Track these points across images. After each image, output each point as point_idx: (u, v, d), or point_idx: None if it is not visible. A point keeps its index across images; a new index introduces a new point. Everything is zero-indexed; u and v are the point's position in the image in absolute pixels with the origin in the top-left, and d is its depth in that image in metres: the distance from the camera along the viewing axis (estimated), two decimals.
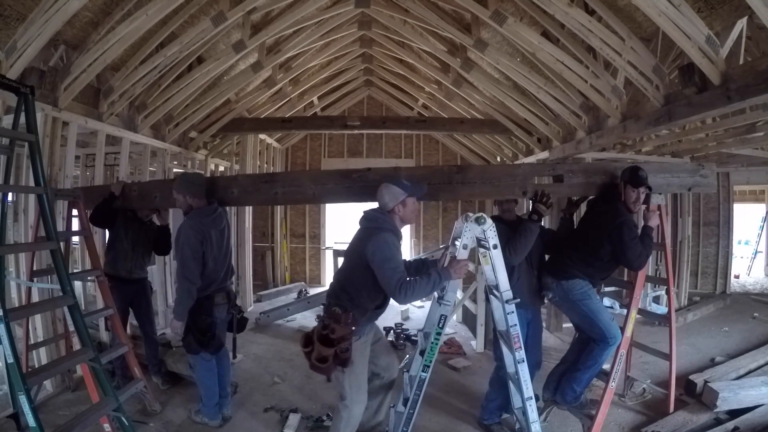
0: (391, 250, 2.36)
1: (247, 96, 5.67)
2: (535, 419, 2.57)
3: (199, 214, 2.86)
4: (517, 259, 2.77)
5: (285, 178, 3.19)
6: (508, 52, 4.28)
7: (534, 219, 2.78)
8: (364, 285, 2.42)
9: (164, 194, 3.15)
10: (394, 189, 2.47)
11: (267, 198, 3.22)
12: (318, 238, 8.48)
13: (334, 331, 2.36)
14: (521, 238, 2.76)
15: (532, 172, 3.00)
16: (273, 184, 3.08)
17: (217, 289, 2.94)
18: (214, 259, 2.88)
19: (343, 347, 2.37)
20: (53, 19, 2.77)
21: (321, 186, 3.02)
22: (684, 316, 5.51)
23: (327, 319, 2.43)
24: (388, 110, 8.01)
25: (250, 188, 3.14)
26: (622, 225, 2.65)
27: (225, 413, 3.10)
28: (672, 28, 2.57)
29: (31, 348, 3.14)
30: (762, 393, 3.12)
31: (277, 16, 4.22)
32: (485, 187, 2.97)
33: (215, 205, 2.94)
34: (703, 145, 5.26)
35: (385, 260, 2.32)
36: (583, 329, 2.94)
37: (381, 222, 2.45)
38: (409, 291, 2.29)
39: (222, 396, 3.08)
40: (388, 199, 2.48)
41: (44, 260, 3.18)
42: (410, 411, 2.60)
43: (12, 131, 2.42)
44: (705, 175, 3.01)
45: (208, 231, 2.83)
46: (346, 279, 2.51)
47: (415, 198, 2.53)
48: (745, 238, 11.26)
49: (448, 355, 4.37)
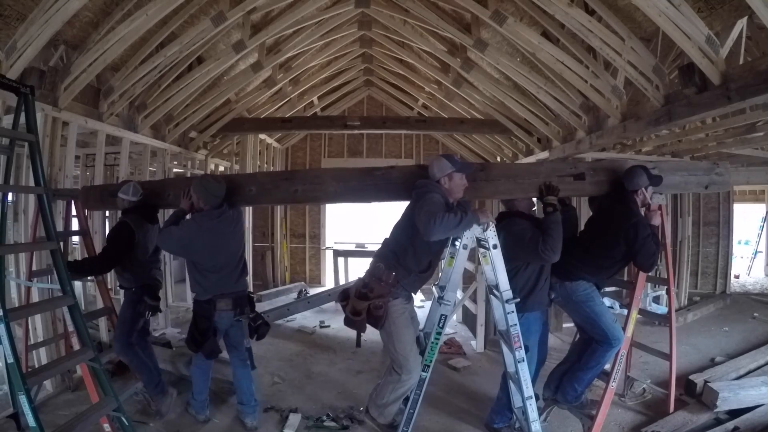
0: (436, 204, 2.42)
1: (247, 96, 5.67)
2: (536, 418, 2.57)
3: (201, 217, 2.81)
4: (557, 256, 2.60)
5: (305, 176, 3.11)
6: (508, 52, 4.28)
7: (549, 211, 2.69)
8: (411, 244, 2.53)
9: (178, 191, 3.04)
10: (444, 162, 2.58)
11: (286, 196, 3.07)
12: (318, 238, 8.48)
13: (372, 290, 2.52)
14: (551, 233, 2.59)
15: (554, 169, 2.94)
16: (293, 181, 2.99)
17: (220, 294, 2.84)
18: (213, 261, 2.81)
19: (377, 303, 2.49)
20: (53, 19, 2.77)
21: (343, 184, 2.92)
22: (684, 316, 5.51)
23: (368, 277, 2.57)
24: (388, 110, 8.01)
25: (269, 186, 3.05)
26: (638, 224, 2.64)
27: (248, 423, 3.00)
28: (672, 28, 2.57)
29: (31, 348, 3.14)
30: (762, 393, 3.11)
31: (277, 16, 4.22)
32: (508, 185, 2.88)
33: (223, 208, 2.83)
34: (703, 145, 5.25)
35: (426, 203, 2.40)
36: (585, 330, 2.93)
37: (431, 187, 2.54)
38: (438, 221, 2.31)
39: (243, 404, 3.02)
40: (436, 170, 2.58)
41: (44, 260, 3.18)
42: (410, 411, 2.61)
43: (12, 131, 2.42)
44: (720, 173, 2.96)
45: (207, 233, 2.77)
46: (394, 240, 2.63)
47: (462, 174, 2.60)
48: (745, 238, 11.27)
49: (448, 355, 4.37)
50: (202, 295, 2.86)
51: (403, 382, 2.61)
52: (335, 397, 3.53)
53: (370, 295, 2.51)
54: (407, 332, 2.62)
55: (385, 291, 2.52)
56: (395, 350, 2.60)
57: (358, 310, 2.52)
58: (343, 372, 4.07)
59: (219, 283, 2.85)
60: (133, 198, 3.02)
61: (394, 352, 2.61)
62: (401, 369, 2.59)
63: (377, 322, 2.53)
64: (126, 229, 2.98)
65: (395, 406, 2.73)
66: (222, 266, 2.85)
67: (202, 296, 2.86)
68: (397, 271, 2.54)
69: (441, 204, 2.45)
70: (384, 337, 2.66)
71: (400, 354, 2.59)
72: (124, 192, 3.02)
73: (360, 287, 2.59)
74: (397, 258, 2.56)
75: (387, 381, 2.69)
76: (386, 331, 2.59)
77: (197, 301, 2.91)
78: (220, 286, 2.85)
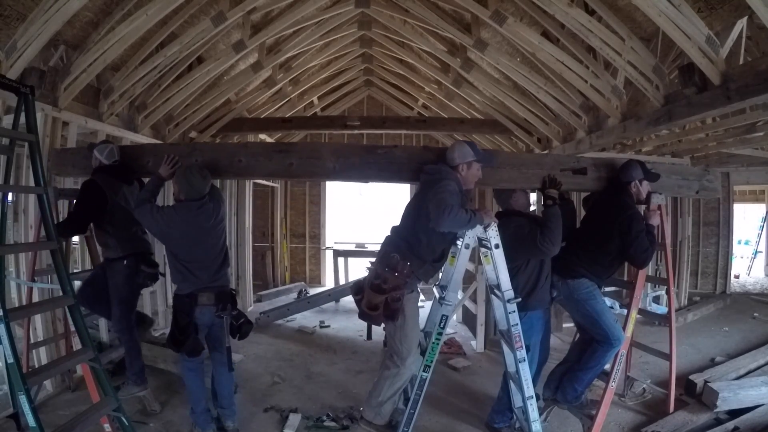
0: (451, 193, 2.40)
1: (247, 96, 5.67)
2: (536, 418, 2.57)
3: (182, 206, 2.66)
4: (556, 249, 2.62)
5: (303, 149, 2.96)
6: (508, 52, 4.28)
7: (549, 204, 2.70)
8: (424, 233, 2.48)
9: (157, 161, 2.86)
10: (466, 149, 2.55)
11: (280, 169, 2.90)
12: (318, 238, 8.48)
13: (386, 281, 2.44)
14: (550, 226, 2.61)
15: (557, 162, 2.94)
16: (288, 154, 2.86)
17: (202, 288, 2.68)
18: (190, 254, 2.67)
19: (394, 296, 2.43)
20: (53, 19, 2.77)
21: (343, 160, 2.82)
22: (684, 316, 5.51)
23: (381, 268, 2.48)
24: (388, 110, 8.01)
25: (261, 157, 2.89)
26: (632, 217, 2.65)
27: (228, 426, 2.88)
28: (672, 28, 2.57)
29: (32, 348, 3.14)
30: (762, 393, 3.11)
31: (277, 16, 4.22)
32: (512, 173, 2.85)
33: (203, 200, 2.67)
34: (703, 145, 5.26)
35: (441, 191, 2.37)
36: (586, 330, 2.94)
37: (445, 173, 2.50)
38: (451, 213, 2.29)
39: (223, 407, 2.89)
40: (456, 155, 2.55)
41: (44, 260, 3.18)
42: (411, 411, 2.60)
43: (12, 131, 2.42)
44: (710, 180, 3.01)
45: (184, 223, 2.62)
46: (405, 228, 2.58)
47: (480, 165, 2.59)
48: (745, 238, 11.27)
49: (448, 355, 4.37)
50: (182, 289, 2.71)
51: (400, 376, 2.61)
52: (335, 397, 3.53)
53: (385, 288, 2.43)
54: (416, 326, 2.62)
55: (401, 282, 2.45)
56: (400, 343, 2.59)
57: (375, 303, 2.44)
58: (343, 372, 4.07)
59: (199, 276, 2.69)
60: (106, 161, 2.86)
61: (399, 345, 2.60)
62: (401, 361, 2.59)
63: (394, 315, 2.47)
64: (93, 187, 2.80)
65: (391, 404, 2.71)
66: (201, 259, 2.70)
67: (182, 290, 2.71)
68: (412, 261, 2.49)
69: (456, 194, 2.43)
70: (391, 329, 2.61)
71: (405, 347, 2.58)
72: (100, 151, 2.87)
73: (373, 279, 2.50)
74: (410, 247, 2.51)
75: (383, 377, 2.68)
76: (396, 323, 2.54)
77: (177, 295, 2.74)
78: (200, 280, 2.69)
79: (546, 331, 2.97)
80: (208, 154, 2.96)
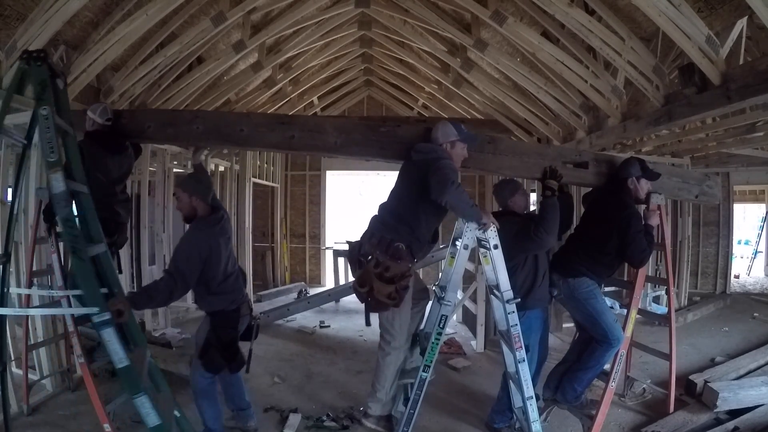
0: (454, 170, 2.42)
1: (247, 96, 5.67)
2: (536, 419, 2.57)
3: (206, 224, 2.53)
4: (552, 239, 2.62)
5: (305, 122, 2.95)
6: (508, 52, 4.28)
7: (548, 195, 2.68)
8: (423, 212, 2.47)
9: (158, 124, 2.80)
10: (449, 128, 2.56)
11: (281, 141, 2.85)
12: (318, 238, 8.48)
13: (388, 269, 2.40)
14: (546, 216, 2.60)
15: (560, 154, 2.93)
16: (290, 126, 2.83)
17: (243, 300, 2.69)
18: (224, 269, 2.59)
19: (403, 284, 2.42)
20: (53, 19, 2.77)
21: (345, 136, 2.78)
22: (684, 316, 5.51)
23: (381, 255, 2.44)
24: (388, 110, 8.01)
25: (263, 128, 2.85)
26: (630, 216, 2.64)
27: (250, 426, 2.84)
28: (672, 28, 2.58)
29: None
30: (762, 393, 3.11)
31: (277, 16, 4.23)
32: (514, 161, 2.82)
33: (221, 213, 2.63)
34: (703, 145, 5.26)
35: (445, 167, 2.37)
36: (585, 329, 2.93)
37: (440, 152, 2.50)
38: (457, 188, 2.30)
39: (242, 408, 2.86)
40: (440, 134, 2.56)
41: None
42: (411, 411, 2.60)
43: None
44: (711, 186, 3.02)
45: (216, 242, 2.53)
46: (403, 208, 2.52)
47: (465, 145, 2.59)
48: (745, 237, 11.28)
49: (448, 355, 4.37)
50: (229, 305, 2.60)
51: (396, 355, 2.66)
52: (335, 397, 3.53)
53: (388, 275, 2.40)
54: (408, 303, 2.64)
55: (405, 269, 2.43)
56: (393, 326, 2.61)
57: (389, 293, 2.41)
58: (343, 372, 4.07)
59: (240, 287, 2.70)
60: (99, 119, 2.72)
61: (391, 327, 2.63)
62: (394, 341, 2.62)
63: (399, 303, 2.47)
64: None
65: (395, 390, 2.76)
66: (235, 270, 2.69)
67: (229, 306, 2.60)
68: (413, 244, 2.47)
69: (457, 172, 2.46)
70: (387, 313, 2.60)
71: (397, 330, 2.62)
72: (93, 110, 2.74)
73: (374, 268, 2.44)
74: (411, 230, 2.48)
75: (381, 366, 2.71)
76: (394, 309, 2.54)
77: (224, 311, 2.59)
78: (241, 291, 2.69)
79: (544, 330, 2.98)
80: (210, 122, 2.88)
